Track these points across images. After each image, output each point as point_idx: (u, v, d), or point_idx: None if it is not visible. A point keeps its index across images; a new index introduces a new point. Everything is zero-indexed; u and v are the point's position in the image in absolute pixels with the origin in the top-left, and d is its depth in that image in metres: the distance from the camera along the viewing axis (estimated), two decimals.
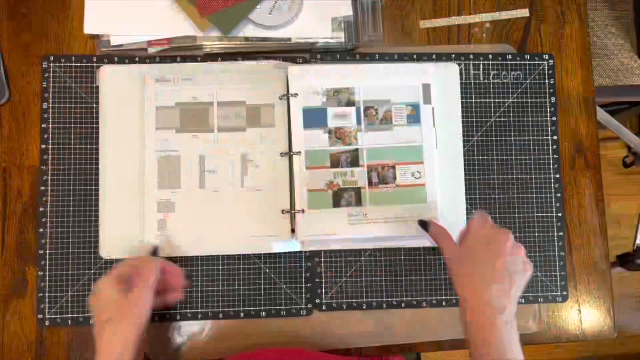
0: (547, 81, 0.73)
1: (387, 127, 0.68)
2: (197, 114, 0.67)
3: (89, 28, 0.68)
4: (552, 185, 0.72)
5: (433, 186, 0.67)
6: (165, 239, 0.66)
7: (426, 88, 0.68)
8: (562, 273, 0.71)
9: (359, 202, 0.66)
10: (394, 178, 0.67)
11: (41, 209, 0.66)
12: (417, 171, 0.67)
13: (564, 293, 0.70)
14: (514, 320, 0.53)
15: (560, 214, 0.71)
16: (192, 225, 0.66)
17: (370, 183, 0.67)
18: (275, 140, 0.67)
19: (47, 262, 0.66)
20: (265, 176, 0.67)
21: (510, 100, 0.73)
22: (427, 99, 0.68)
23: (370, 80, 0.68)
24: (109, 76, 0.68)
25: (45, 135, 0.67)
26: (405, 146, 0.67)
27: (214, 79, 0.68)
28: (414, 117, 0.68)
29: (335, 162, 0.67)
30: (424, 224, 0.63)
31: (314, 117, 0.67)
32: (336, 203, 0.66)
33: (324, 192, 0.66)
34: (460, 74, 0.72)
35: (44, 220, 0.66)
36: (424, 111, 0.68)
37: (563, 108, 0.74)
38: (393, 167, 0.67)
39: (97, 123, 0.67)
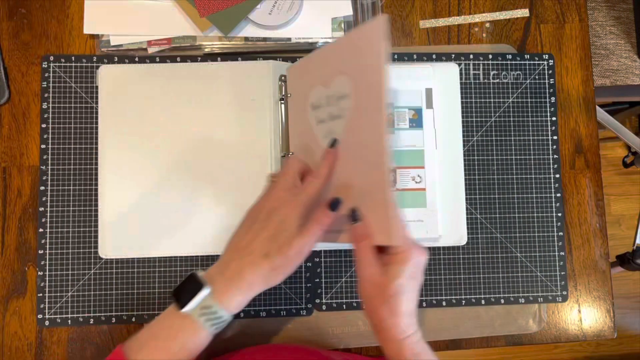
0: (547, 81, 0.73)
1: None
2: None
3: (89, 28, 0.68)
4: (552, 185, 0.72)
5: (433, 190, 0.67)
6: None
7: (429, 92, 0.68)
8: (562, 273, 0.71)
9: None
10: (395, 182, 0.67)
11: (41, 209, 0.66)
12: (418, 175, 0.67)
13: (564, 293, 0.70)
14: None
15: (560, 214, 0.71)
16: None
17: None
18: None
19: (47, 262, 0.66)
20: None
21: (510, 100, 0.73)
22: (430, 103, 0.68)
23: None
24: (108, 76, 0.68)
25: (45, 135, 0.67)
26: (406, 150, 0.67)
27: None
28: (416, 121, 0.68)
29: None
30: (354, 216, 0.50)
31: None
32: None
33: None
34: (460, 74, 0.72)
35: (44, 220, 0.66)
36: (427, 115, 0.68)
37: (563, 108, 0.74)
38: (394, 171, 0.67)
39: (97, 123, 0.67)
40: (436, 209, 0.67)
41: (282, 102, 0.67)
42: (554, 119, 0.73)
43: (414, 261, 0.48)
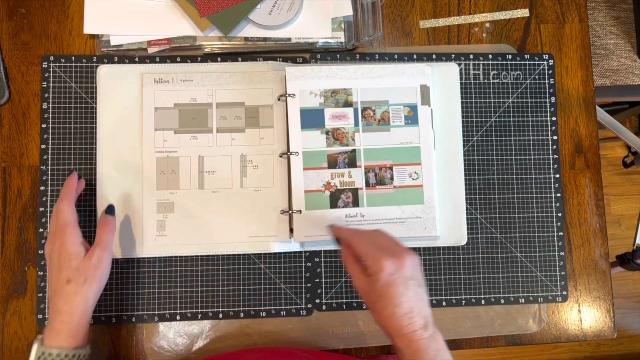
0: (547, 81, 0.73)
1: (384, 127, 0.68)
2: (196, 115, 0.67)
3: (89, 28, 0.68)
4: (552, 185, 0.72)
5: (431, 187, 0.67)
6: (165, 239, 0.66)
7: (424, 89, 0.68)
8: (562, 273, 0.71)
9: (356, 203, 0.66)
10: (392, 179, 0.67)
11: (41, 209, 0.66)
12: (415, 172, 0.67)
13: (564, 293, 0.70)
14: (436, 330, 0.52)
15: (560, 214, 0.71)
16: (191, 225, 0.66)
17: (367, 184, 0.67)
18: (274, 141, 0.67)
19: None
20: (264, 177, 0.67)
21: (510, 100, 0.73)
22: (426, 100, 0.68)
23: (368, 81, 0.68)
24: (107, 76, 0.68)
25: (45, 135, 0.67)
26: (402, 147, 0.67)
27: (213, 80, 0.68)
28: (411, 118, 0.68)
29: (332, 163, 0.67)
30: (335, 239, 0.59)
31: (312, 118, 0.67)
32: (333, 204, 0.66)
33: (321, 193, 0.66)
34: (460, 74, 0.72)
35: (44, 220, 0.66)
36: (422, 112, 0.68)
37: (563, 108, 0.74)
38: (391, 168, 0.67)
39: (97, 123, 0.67)
40: (434, 206, 0.67)
41: (280, 101, 0.67)
42: (554, 119, 0.73)
43: (383, 274, 0.51)
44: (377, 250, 0.53)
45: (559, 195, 0.72)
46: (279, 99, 0.68)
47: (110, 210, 0.62)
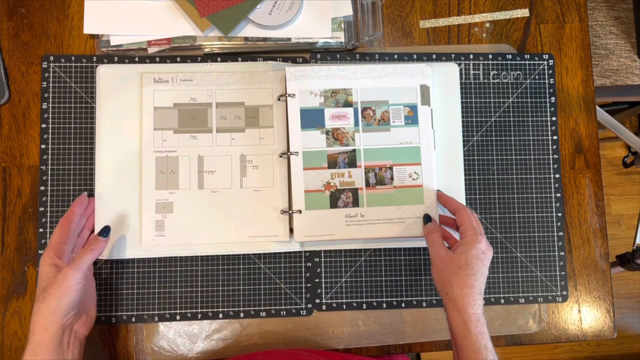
0: (547, 81, 0.73)
1: (384, 127, 0.68)
2: (195, 115, 0.67)
3: (89, 28, 0.68)
4: (552, 185, 0.72)
5: (431, 187, 0.67)
6: (164, 239, 0.66)
7: (424, 89, 0.68)
8: (562, 273, 0.71)
9: (356, 203, 0.66)
10: (392, 179, 0.67)
11: (41, 209, 0.66)
12: (415, 172, 0.67)
13: (564, 293, 0.70)
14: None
15: (560, 214, 0.71)
16: (190, 225, 0.66)
17: (367, 184, 0.67)
18: (274, 141, 0.67)
19: None
20: (264, 177, 0.67)
21: (510, 100, 0.73)
22: (426, 100, 0.68)
23: (368, 81, 0.68)
24: (107, 76, 0.68)
25: (45, 135, 0.67)
26: (402, 147, 0.67)
27: (213, 80, 0.68)
28: (411, 118, 0.68)
29: (332, 163, 0.67)
30: (427, 218, 0.65)
31: (312, 118, 0.67)
32: (333, 204, 0.66)
33: (321, 193, 0.66)
34: (460, 74, 0.72)
35: (44, 220, 0.66)
36: (422, 112, 0.68)
37: (563, 108, 0.74)
38: (391, 168, 0.67)
39: (96, 123, 0.67)
40: (434, 206, 0.67)
41: (280, 101, 0.67)
42: (554, 119, 0.73)
43: (479, 246, 0.57)
44: (478, 227, 0.60)
45: (559, 195, 0.72)
46: (278, 99, 0.68)
47: (104, 232, 0.62)
